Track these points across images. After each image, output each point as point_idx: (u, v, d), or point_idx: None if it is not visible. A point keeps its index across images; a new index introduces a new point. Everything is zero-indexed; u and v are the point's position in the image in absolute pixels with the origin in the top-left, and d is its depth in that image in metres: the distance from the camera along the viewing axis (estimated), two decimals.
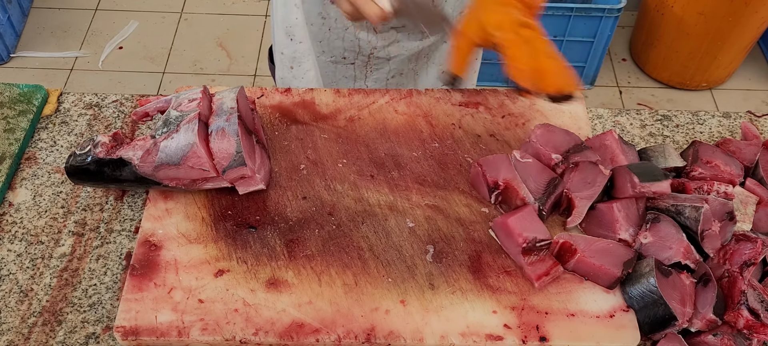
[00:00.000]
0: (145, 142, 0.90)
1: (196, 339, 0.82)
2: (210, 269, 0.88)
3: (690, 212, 0.87)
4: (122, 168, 0.90)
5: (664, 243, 0.87)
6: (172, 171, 0.89)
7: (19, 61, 2.58)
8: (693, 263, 0.87)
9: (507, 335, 0.83)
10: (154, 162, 0.88)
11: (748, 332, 0.82)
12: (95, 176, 0.91)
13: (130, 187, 0.96)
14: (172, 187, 0.92)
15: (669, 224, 0.88)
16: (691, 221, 0.87)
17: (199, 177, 0.90)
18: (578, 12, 2.24)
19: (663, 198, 0.91)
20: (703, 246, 0.87)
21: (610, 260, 0.86)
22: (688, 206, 0.88)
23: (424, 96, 1.09)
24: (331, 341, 0.82)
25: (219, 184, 0.91)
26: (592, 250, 0.86)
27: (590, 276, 0.87)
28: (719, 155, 0.97)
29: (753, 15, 2.19)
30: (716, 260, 0.89)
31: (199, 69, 2.57)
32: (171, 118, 0.90)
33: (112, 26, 2.72)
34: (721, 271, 0.87)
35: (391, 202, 0.96)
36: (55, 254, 0.93)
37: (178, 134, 0.88)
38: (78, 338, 0.85)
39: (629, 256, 0.86)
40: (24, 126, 1.05)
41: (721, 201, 0.89)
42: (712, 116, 1.12)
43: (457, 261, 0.89)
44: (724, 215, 0.89)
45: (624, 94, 2.54)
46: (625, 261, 0.85)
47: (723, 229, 0.89)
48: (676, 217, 0.89)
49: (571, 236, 0.88)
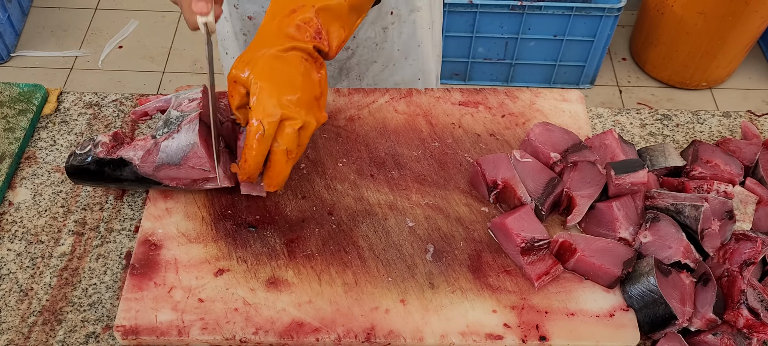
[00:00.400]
0: (145, 143, 0.90)
1: (196, 338, 0.82)
2: (210, 268, 0.88)
3: (690, 211, 0.87)
4: (123, 168, 0.90)
5: (664, 242, 0.87)
6: (173, 171, 0.89)
7: (19, 60, 2.58)
8: (693, 262, 0.87)
9: (507, 334, 0.83)
10: (155, 162, 0.88)
11: (747, 331, 0.82)
12: (95, 175, 0.91)
13: (130, 187, 0.96)
14: (173, 187, 0.92)
15: (669, 223, 0.88)
16: (690, 219, 0.87)
17: (199, 177, 0.90)
18: (578, 11, 2.24)
19: (662, 197, 0.91)
20: (703, 245, 0.87)
21: (610, 260, 0.86)
22: (687, 205, 0.88)
23: (424, 95, 1.09)
24: (330, 340, 0.82)
25: (218, 184, 0.91)
26: (592, 249, 0.86)
27: (590, 275, 0.87)
28: (719, 155, 0.97)
29: (753, 14, 2.19)
30: (716, 259, 0.89)
31: (199, 68, 2.57)
32: (172, 119, 0.90)
33: (112, 25, 2.71)
34: (721, 270, 0.87)
35: (391, 201, 0.96)
36: (55, 253, 0.93)
37: (179, 134, 0.88)
38: (78, 338, 0.85)
39: (629, 255, 0.86)
40: (24, 125, 1.05)
41: (721, 200, 0.89)
42: (712, 116, 1.12)
43: (457, 260, 0.89)
44: (723, 214, 0.89)
45: (624, 93, 2.54)
46: (625, 260, 0.85)
47: (723, 228, 0.89)
48: (675, 216, 0.89)
49: (570, 235, 0.88)
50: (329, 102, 1.08)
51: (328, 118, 1.05)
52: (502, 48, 2.39)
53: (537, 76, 2.49)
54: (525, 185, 0.91)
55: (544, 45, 2.37)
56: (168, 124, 0.90)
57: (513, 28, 2.31)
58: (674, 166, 0.97)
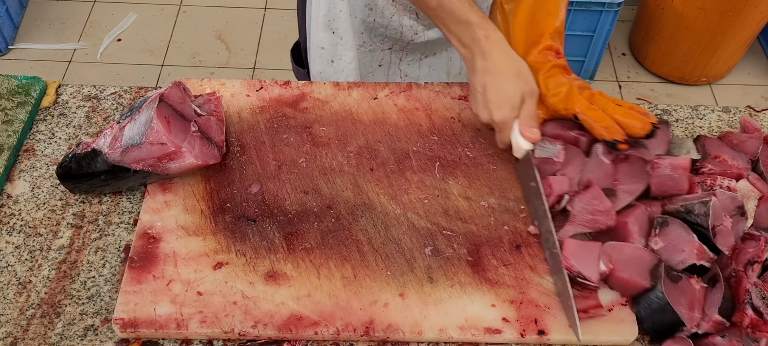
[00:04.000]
0: (111, 130, 0.90)
1: (195, 332, 0.82)
2: (209, 261, 0.88)
3: (699, 208, 0.86)
4: (95, 159, 0.90)
5: (676, 246, 0.85)
6: (136, 152, 0.89)
7: (18, 52, 2.57)
8: (708, 262, 0.84)
9: (505, 328, 0.83)
10: (121, 146, 0.88)
11: (752, 331, 0.80)
12: (78, 175, 0.92)
13: (110, 183, 0.95)
14: (144, 172, 0.91)
15: (678, 226, 0.86)
16: (701, 217, 0.85)
17: (161, 154, 0.89)
18: (578, 6, 2.23)
19: (672, 200, 0.89)
20: (717, 243, 0.85)
21: (638, 271, 0.83)
22: (696, 202, 0.86)
23: (424, 89, 1.09)
24: (329, 333, 0.82)
25: (182, 163, 0.90)
26: (622, 261, 0.84)
27: (619, 289, 0.85)
28: (726, 149, 0.96)
29: (753, 10, 2.19)
30: (728, 258, 0.87)
31: (198, 62, 2.56)
32: (135, 105, 0.91)
33: (111, 18, 2.71)
34: (729, 271, 0.85)
35: (390, 195, 0.96)
36: (54, 246, 0.93)
37: (139, 115, 0.89)
38: (76, 330, 0.85)
39: (654, 262, 0.84)
40: (22, 118, 1.05)
41: (730, 195, 0.87)
42: (711, 111, 1.12)
43: (456, 255, 0.89)
44: (734, 210, 0.87)
45: (623, 88, 2.54)
46: (651, 269, 0.83)
47: (735, 224, 0.87)
48: (686, 216, 0.87)
49: (608, 252, 0.85)
50: (329, 95, 1.07)
51: (328, 113, 1.05)
52: None
53: None
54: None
55: None
56: (132, 109, 0.91)
57: None
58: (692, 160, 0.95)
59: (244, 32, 2.68)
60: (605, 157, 0.93)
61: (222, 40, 2.66)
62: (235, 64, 2.58)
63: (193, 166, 0.91)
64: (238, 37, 2.67)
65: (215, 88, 1.08)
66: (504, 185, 0.97)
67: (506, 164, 0.99)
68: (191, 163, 0.90)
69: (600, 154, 0.93)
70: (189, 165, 0.91)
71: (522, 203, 0.95)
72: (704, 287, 0.84)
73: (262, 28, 2.71)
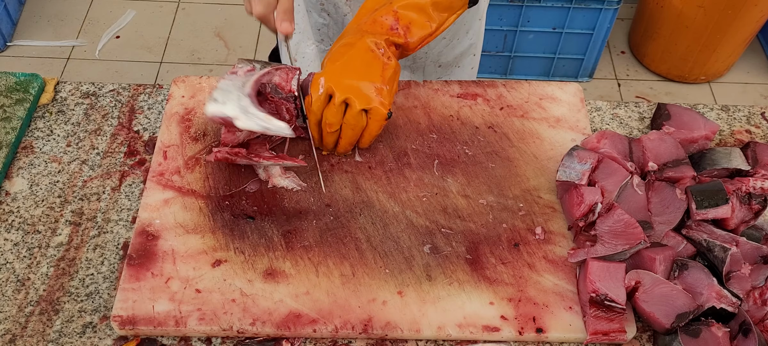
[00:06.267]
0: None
1: (194, 329, 0.82)
2: (207, 259, 0.88)
3: (718, 252, 0.84)
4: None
5: (695, 290, 0.82)
6: None
7: (16, 49, 2.56)
8: (730, 306, 0.81)
9: (504, 326, 0.83)
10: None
11: None
12: None
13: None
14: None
15: (698, 269, 0.83)
16: (718, 261, 0.84)
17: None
18: (577, 4, 2.23)
19: (700, 228, 0.86)
20: (730, 287, 0.83)
21: (664, 311, 0.80)
22: (718, 244, 0.84)
23: (423, 87, 1.09)
24: (328, 331, 0.83)
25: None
26: (653, 294, 0.81)
27: (641, 317, 0.84)
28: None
29: (752, 8, 2.19)
30: (752, 302, 0.83)
31: (197, 59, 2.56)
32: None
33: (109, 15, 2.70)
34: (762, 313, 0.82)
35: (388, 193, 0.96)
36: (52, 244, 0.93)
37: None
38: (75, 328, 0.85)
39: (688, 308, 0.80)
40: (20, 115, 1.04)
41: (754, 245, 0.84)
42: (710, 109, 1.12)
43: (454, 253, 0.89)
44: (757, 259, 0.84)
45: (622, 86, 2.54)
46: (680, 313, 0.80)
47: (755, 272, 0.84)
48: (706, 253, 0.85)
49: (638, 272, 0.83)
50: None
51: None
52: (501, 40, 2.38)
53: (536, 68, 2.49)
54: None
55: (543, 38, 2.36)
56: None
57: (512, 20, 2.30)
58: (736, 168, 0.93)
59: (242, 30, 2.68)
60: (639, 189, 0.90)
61: (221, 37, 2.65)
62: (233, 61, 2.57)
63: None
64: (237, 34, 2.66)
65: (214, 85, 1.07)
66: (502, 183, 0.97)
67: (505, 162, 0.99)
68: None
69: (634, 186, 0.90)
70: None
71: (521, 201, 0.95)
72: (727, 332, 0.80)
73: (260, 26, 2.71)
